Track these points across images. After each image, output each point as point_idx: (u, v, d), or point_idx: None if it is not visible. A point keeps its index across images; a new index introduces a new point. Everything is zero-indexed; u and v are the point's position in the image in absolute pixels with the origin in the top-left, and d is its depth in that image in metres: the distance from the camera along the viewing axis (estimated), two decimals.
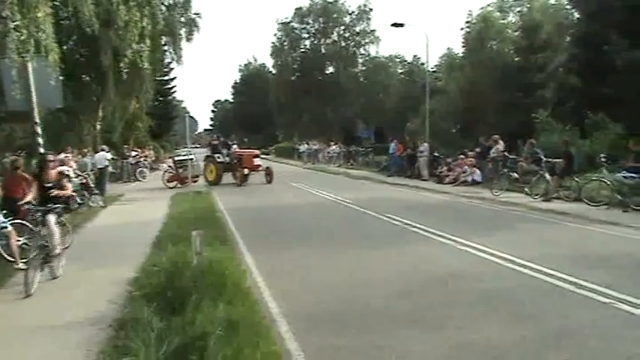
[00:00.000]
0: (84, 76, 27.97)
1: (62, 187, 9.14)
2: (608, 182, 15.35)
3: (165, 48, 33.61)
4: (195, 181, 25.25)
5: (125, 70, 24.52)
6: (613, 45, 22.72)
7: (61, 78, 14.84)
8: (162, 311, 6.03)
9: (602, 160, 16.02)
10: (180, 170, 25.42)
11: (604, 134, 21.96)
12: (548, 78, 32.73)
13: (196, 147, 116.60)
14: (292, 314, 6.57)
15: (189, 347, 4.81)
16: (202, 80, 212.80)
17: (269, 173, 26.23)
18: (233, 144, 29.01)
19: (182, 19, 33.26)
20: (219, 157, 26.40)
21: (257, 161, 26.40)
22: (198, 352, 4.72)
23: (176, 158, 27.58)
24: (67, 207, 9.38)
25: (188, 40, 33.53)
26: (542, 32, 35.44)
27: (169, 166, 27.35)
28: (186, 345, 4.85)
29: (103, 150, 23.71)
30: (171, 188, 24.04)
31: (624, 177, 14.74)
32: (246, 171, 25.62)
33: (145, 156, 37.32)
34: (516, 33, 38.51)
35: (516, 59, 37.21)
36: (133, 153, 33.89)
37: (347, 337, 5.73)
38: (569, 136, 21.33)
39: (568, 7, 35.28)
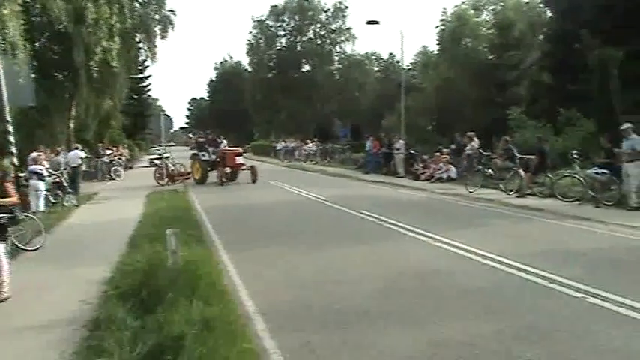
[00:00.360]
0: (57, 73, 27.58)
1: (5, 194, 7.87)
2: (580, 178, 15.58)
3: (140, 45, 33.36)
4: (188, 179, 25.11)
5: (96, 68, 24.28)
6: (584, 43, 23.06)
7: (33, 75, 14.64)
8: (138, 311, 5.99)
9: (574, 156, 16.24)
10: (173, 168, 25.61)
11: (576, 131, 22.28)
12: (521, 75, 33.15)
13: (172, 145, 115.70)
14: (269, 312, 6.57)
15: (164, 347, 4.79)
16: (178, 78, 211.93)
17: (253, 172, 25.32)
18: (221, 142, 28.46)
19: (156, 17, 33.02)
20: (204, 156, 25.68)
21: (239, 160, 25.62)
22: (173, 352, 4.69)
23: (151, 157, 27.49)
24: (14, 217, 7.97)
25: (162, 37, 33.31)
26: (516, 30, 35.86)
27: (159, 164, 27.13)
28: (161, 344, 4.82)
29: (76, 148, 23.45)
30: (162, 186, 24.17)
31: (595, 173, 14.96)
32: (227, 170, 24.91)
33: (120, 154, 36.97)
34: (490, 31, 38.87)
35: (490, 57, 37.56)
36: (108, 151, 33.55)
37: (323, 335, 5.75)
38: (542, 132, 21.60)
39: (540, 5, 35.71)
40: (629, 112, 18.53)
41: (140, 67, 49.98)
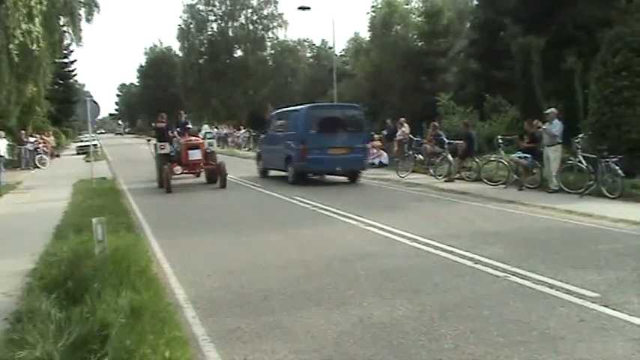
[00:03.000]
0: None
1: None
2: (505, 162, 16.18)
3: (64, 29, 32.21)
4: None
5: (16, 52, 23.27)
6: (507, 31, 23.82)
7: None
8: (63, 302, 5.82)
9: (500, 141, 16.82)
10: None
11: (501, 117, 23.08)
12: (450, 62, 33.95)
13: (102, 132, 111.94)
14: (199, 299, 6.53)
15: (89, 337, 4.70)
16: (106, 64, 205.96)
17: (220, 173, 17.81)
18: (196, 128, 22.92)
19: None
20: (162, 148, 18.40)
21: (195, 155, 18.04)
22: (99, 342, 4.61)
23: (79, 144, 26.45)
24: None
25: (88, 20, 32.33)
26: (444, 18, 36.57)
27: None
28: (86, 335, 4.72)
29: None
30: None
31: (519, 157, 15.57)
32: (177, 169, 17.39)
33: (45, 142, 35.68)
34: (419, 18, 39.48)
35: (420, 44, 38.19)
36: (32, 139, 32.30)
37: (253, 320, 5.78)
38: (469, 118, 22.26)
39: None
40: (550, 98, 19.33)
41: (65, 52, 48.24)
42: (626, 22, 14.94)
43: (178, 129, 19.38)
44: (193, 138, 19.16)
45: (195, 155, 17.94)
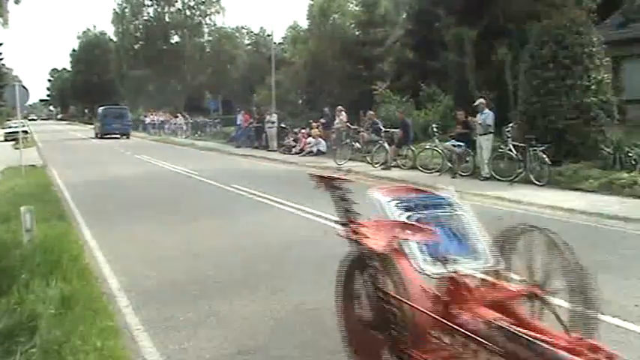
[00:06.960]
0: None
1: None
2: (439, 151, 16.55)
3: None
4: None
5: None
6: (442, 22, 24.25)
7: None
8: None
9: (434, 130, 17.18)
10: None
11: (436, 105, 23.56)
12: (386, 52, 34.24)
13: (33, 119, 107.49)
14: (133, 288, 6.46)
15: (17, 329, 4.58)
16: (37, 47, 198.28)
17: None
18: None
19: None
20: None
21: None
22: (27, 333, 4.51)
23: (7, 130, 25.37)
24: None
25: (16, 2, 30.90)
26: (381, 8, 36.81)
27: None
28: (13, 327, 4.61)
29: None
30: None
31: (453, 145, 15.96)
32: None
33: None
34: (357, 8, 39.64)
35: (357, 33, 38.37)
36: None
37: (188, 308, 5.76)
38: (405, 107, 22.61)
39: None
40: (482, 88, 19.85)
41: None
42: (552, 16, 15.43)
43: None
44: None
45: None
